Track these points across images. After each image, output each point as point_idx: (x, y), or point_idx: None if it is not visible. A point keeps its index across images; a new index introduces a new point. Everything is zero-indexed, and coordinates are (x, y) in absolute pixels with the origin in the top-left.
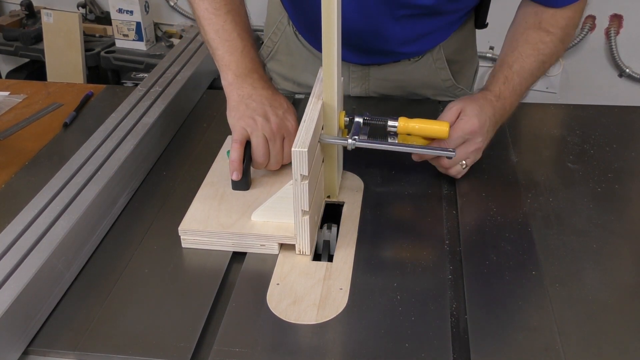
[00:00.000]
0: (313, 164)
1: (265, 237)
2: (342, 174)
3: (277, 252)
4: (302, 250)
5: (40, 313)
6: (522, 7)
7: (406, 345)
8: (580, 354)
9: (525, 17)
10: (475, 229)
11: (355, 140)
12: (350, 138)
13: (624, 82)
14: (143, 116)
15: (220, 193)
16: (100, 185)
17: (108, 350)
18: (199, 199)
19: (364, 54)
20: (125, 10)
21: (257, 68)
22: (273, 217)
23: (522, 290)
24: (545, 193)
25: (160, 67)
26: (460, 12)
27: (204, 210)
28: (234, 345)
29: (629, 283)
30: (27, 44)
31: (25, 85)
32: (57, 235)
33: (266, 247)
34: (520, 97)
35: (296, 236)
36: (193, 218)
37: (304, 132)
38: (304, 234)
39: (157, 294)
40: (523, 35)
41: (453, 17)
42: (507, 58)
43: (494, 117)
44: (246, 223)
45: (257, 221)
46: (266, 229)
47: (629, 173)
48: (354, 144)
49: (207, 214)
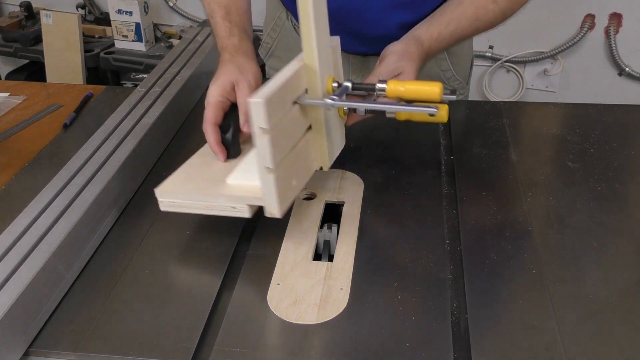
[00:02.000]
0: (284, 122)
1: (234, 199)
2: (342, 173)
3: (248, 215)
4: (271, 212)
5: (40, 314)
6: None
7: (407, 344)
8: (581, 352)
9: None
10: (475, 228)
11: (334, 101)
12: (329, 98)
13: (624, 81)
14: (143, 117)
15: (208, 162)
16: (101, 185)
17: (109, 350)
18: (183, 167)
19: (363, 42)
20: (124, 11)
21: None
22: (247, 179)
23: (523, 289)
24: (546, 192)
25: (160, 67)
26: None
27: (185, 176)
28: (235, 345)
29: (630, 281)
30: (27, 45)
31: (25, 87)
32: (58, 236)
33: (237, 209)
34: (443, 50)
35: (263, 196)
36: (172, 182)
37: (268, 85)
38: (271, 194)
39: (158, 294)
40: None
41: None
42: (448, 14)
43: (420, 62)
44: (221, 186)
45: (231, 184)
46: (236, 191)
47: (629, 172)
48: (333, 104)
49: (187, 179)
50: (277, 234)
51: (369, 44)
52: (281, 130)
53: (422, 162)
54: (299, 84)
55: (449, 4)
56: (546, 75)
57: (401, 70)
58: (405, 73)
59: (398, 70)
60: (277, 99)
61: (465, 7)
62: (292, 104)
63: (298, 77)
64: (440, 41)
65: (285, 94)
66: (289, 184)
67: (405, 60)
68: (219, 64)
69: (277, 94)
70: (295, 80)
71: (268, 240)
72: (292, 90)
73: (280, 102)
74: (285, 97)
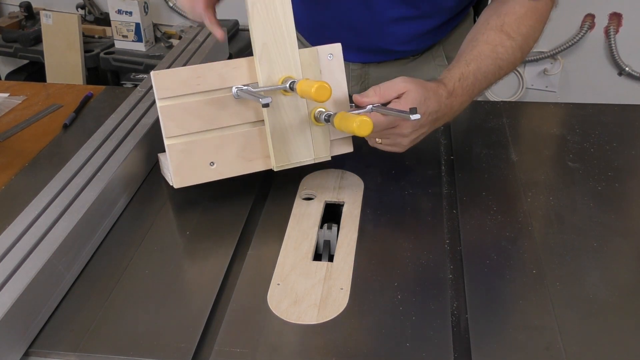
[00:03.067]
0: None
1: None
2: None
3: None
4: (170, 179)
5: (41, 314)
6: (486, 9)
7: (407, 345)
8: (581, 352)
9: (488, 19)
10: (475, 228)
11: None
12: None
13: (624, 81)
14: (143, 117)
15: None
16: (101, 186)
17: (109, 351)
18: None
19: (363, 53)
20: (124, 11)
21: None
22: None
23: (523, 289)
24: (546, 192)
25: (160, 67)
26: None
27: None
28: (235, 345)
29: (630, 281)
30: (27, 45)
31: (25, 87)
32: (58, 236)
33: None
34: (470, 98)
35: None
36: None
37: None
38: (167, 161)
39: (158, 294)
40: (484, 35)
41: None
42: (465, 55)
43: (436, 114)
44: None
45: None
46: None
47: (629, 171)
48: (237, 93)
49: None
50: (277, 234)
51: (369, 55)
52: (187, 109)
53: (422, 162)
54: (233, 75)
55: (462, 50)
56: (546, 75)
57: (405, 90)
58: (409, 95)
59: (402, 90)
60: (178, 78)
61: (482, 47)
62: (214, 91)
63: (232, 68)
64: (464, 79)
65: (194, 77)
66: (201, 163)
67: (413, 83)
68: None
69: (179, 73)
70: (226, 70)
71: (268, 240)
72: (212, 77)
73: (185, 83)
74: (195, 80)
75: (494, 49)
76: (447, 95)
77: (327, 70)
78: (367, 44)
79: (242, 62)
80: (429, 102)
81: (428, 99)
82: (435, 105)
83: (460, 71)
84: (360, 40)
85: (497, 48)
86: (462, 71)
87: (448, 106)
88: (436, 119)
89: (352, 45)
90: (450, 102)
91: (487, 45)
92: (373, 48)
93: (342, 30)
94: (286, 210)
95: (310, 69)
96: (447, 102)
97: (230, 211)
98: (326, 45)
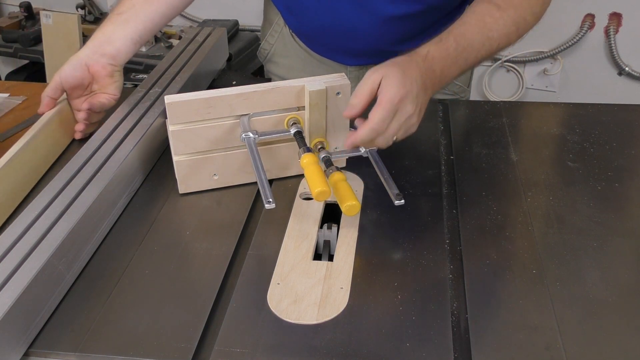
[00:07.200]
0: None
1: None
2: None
3: None
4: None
5: (41, 314)
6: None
7: (407, 344)
8: (581, 352)
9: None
10: (475, 228)
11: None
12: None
13: (624, 81)
14: (143, 117)
15: None
16: (101, 186)
17: (109, 351)
18: None
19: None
20: None
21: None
22: None
23: (523, 289)
24: (546, 192)
25: (160, 68)
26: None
27: None
28: (235, 345)
29: (630, 281)
30: (26, 45)
31: (25, 87)
32: (58, 236)
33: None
34: (456, 65)
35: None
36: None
37: (195, 93)
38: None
39: (158, 294)
40: (471, 7)
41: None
42: (450, 27)
43: (421, 79)
44: None
45: None
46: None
47: (629, 171)
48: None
49: None
50: (277, 234)
51: (365, 57)
52: (196, 132)
53: (422, 162)
54: (242, 105)
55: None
56: (546, 75)
57: (382, 75)
58: (387, 77)
59: (379, 77)
60: (190, 108)
61: (467, 16)
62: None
63: (242, 100)
64: (442, 43)
65: (206, 107)
66: (205, 175)
67: (385, 66)
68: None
69: (192, 104)
70: (237, 101)
71: (268, 240)
72: (223, 107)
73: (197, 112)
74: (207, 109)
75: (481, 18)
76: (422, 59)
77: (333, 105)
78: (364, 46)
79: (251, 95)
80: (409, 71)
81: (406, 69)
82: (415, 71)
83: (438, 37)
84: (356, 43)
85: (485, 18)
86: (441, 37)
87: (428, 69)
88: (424, 85)
89: (349, 49)
90: (429, 65)
91: (474, 15)
92: (369, 50)
93: (339, 35)
94: (286, 210)
95: (316, 108)
96: (424, 65)
97: (230, 211)
98: (335, 83)
